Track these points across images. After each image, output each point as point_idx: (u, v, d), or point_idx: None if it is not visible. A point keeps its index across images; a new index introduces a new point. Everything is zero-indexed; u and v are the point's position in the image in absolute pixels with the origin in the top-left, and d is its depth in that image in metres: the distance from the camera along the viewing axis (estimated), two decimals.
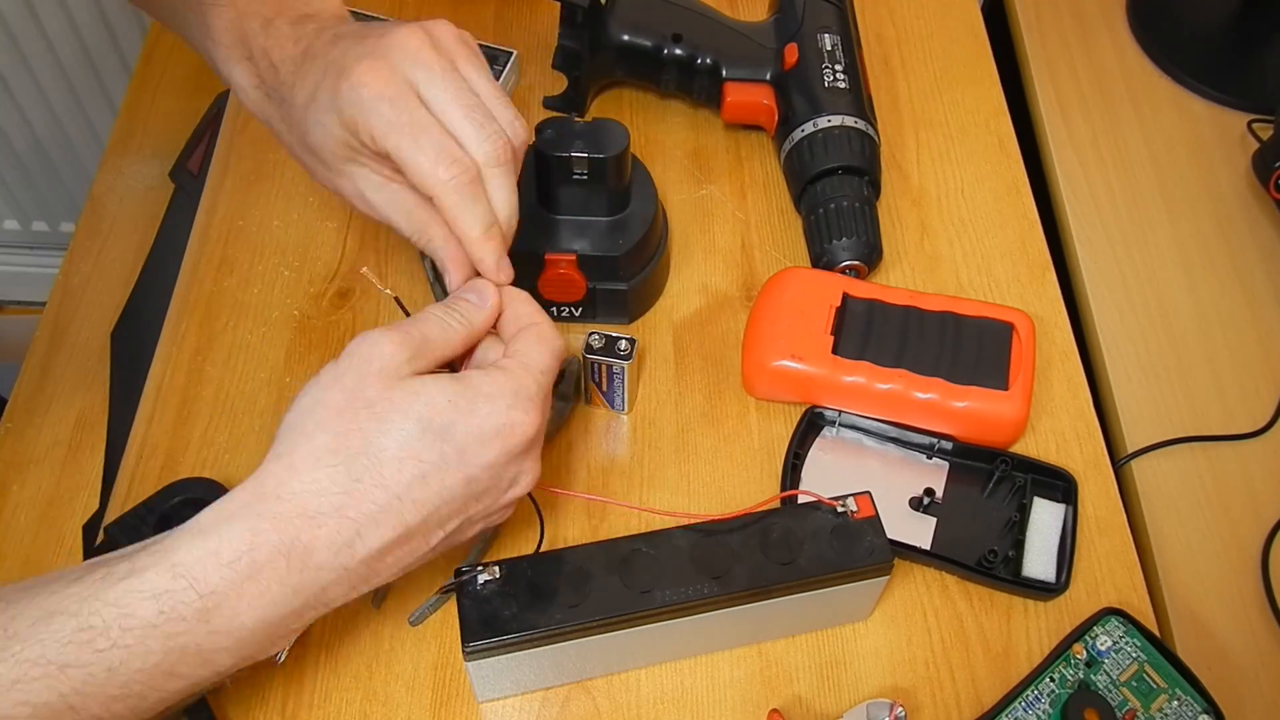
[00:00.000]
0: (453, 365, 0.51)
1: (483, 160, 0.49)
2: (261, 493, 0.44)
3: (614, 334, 0.61)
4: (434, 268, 0.66)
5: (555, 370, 0.50)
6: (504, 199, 0.51)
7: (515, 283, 0.53)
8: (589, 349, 0.61)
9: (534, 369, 0.48)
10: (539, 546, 0.59)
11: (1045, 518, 0.62)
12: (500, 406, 0.46)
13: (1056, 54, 0.87)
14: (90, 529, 0.63)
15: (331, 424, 0.44)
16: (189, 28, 0.57)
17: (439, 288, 0.68)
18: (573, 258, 0.64)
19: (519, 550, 0.60)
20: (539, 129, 0.62)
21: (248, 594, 0.42)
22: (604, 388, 0.64)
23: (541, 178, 0.63)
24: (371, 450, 0.44)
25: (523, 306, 0.51)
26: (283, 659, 0.56)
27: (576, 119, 0.65)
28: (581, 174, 0.62)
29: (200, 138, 0.81)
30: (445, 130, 0.49)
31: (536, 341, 0.49)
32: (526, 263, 0.60)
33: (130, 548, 0.44)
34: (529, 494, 0.53)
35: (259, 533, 0.43)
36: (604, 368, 0.62)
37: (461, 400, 0.46)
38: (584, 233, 0.65)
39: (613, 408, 0.66)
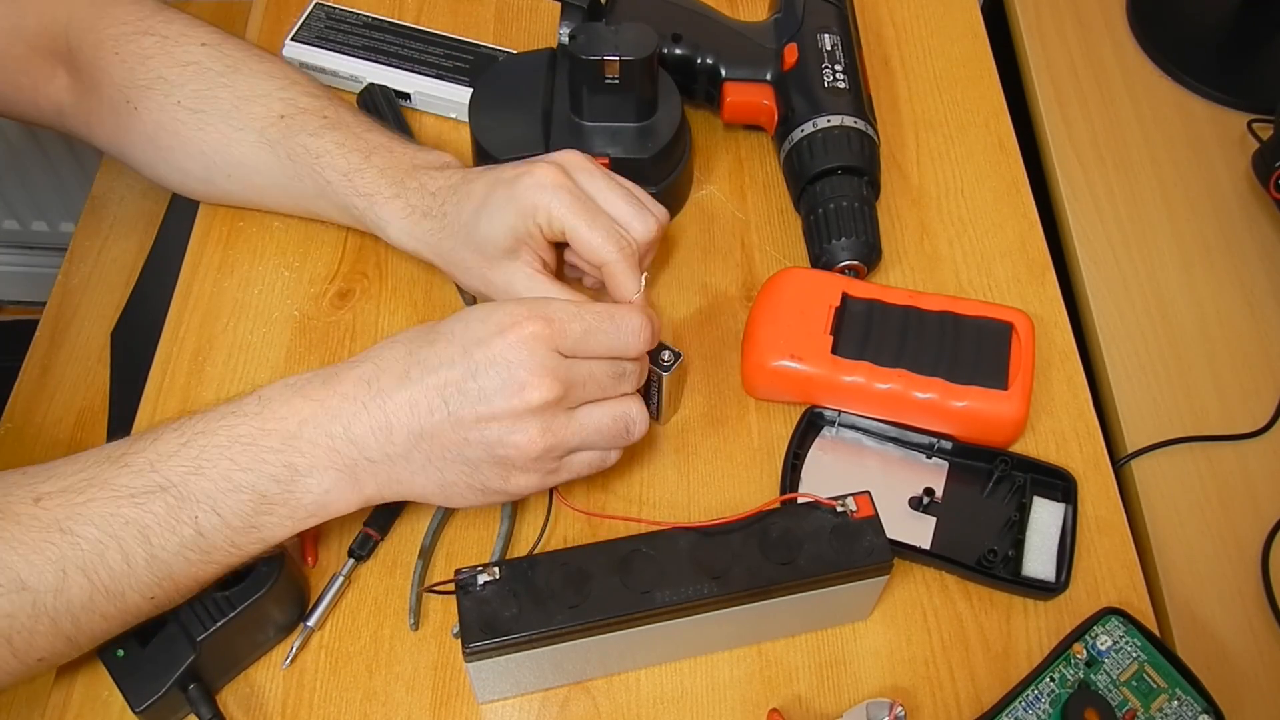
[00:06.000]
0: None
1: (641, 238, 0.58)
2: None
3: (664, 345, 0.60)
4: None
5: (586, 322, 0.52)
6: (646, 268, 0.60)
7: None
8: None
9: (569, 308, 0.53)
10: (534, 547, 0.59)
11: (1045, 517, 0.62)
12: (509, 304, 0.52)
13: (1056, 54, 0.87)
14: None
15: None
16: (303, 198, 0.66)
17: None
18: (606, 161, 0.66)
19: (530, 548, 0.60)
20: (572, 35, 0.65)
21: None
22: (645, 392, 0.62)
23: (575, 84, 0.67)
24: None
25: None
26: (288, 665, 0.56)
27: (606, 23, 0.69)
28: (613, 79, 0.65)
29: None
30: (609, 215, 0.58)
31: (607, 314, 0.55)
32: None
33: None
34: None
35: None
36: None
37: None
38: (615, 138, 0.68)
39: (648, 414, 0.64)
